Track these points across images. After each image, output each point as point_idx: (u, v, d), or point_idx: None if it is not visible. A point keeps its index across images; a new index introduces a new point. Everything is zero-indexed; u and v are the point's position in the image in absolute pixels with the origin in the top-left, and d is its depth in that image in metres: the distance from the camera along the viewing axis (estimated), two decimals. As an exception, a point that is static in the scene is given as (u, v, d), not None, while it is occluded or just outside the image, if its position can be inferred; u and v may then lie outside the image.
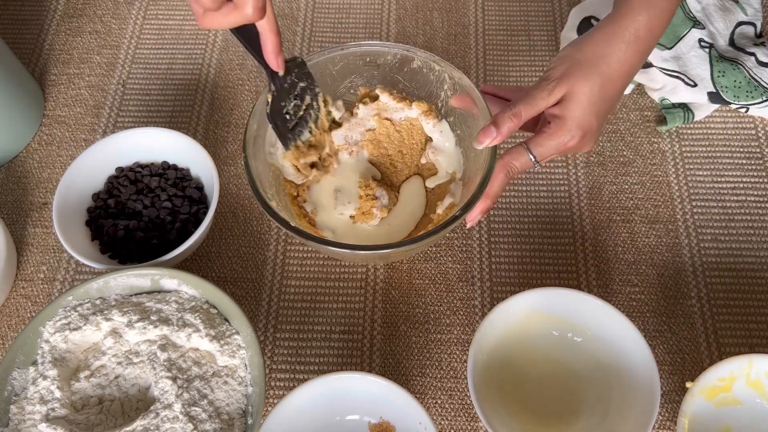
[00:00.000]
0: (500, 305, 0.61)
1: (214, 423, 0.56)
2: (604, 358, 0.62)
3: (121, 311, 0.60)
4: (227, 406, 0.58)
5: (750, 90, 0.75)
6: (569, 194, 0.74)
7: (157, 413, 0.55)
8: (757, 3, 0.81)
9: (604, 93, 0.57)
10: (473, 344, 0.59)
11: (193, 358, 0.59)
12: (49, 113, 0.81)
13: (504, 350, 0.63)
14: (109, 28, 0.87)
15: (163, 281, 0.63)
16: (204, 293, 0.63)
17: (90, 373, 0.59)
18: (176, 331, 0.59)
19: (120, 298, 0.63)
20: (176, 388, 0.56)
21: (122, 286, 0.63)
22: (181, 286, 0.63)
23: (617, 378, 0.60)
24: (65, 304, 0.62)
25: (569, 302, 0.62)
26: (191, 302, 0.62)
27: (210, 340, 0.59)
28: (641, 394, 0.58)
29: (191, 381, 0.57)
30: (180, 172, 0.72)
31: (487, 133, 0.57)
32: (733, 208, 0.73)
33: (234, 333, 0.61)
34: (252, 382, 0.59)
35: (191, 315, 0.60)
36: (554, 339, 0.64)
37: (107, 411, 0.58)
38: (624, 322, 0.60)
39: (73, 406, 0.58)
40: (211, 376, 0.58)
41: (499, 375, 0.62)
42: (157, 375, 0.57)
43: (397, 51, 0.67)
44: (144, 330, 0.59)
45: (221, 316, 0.63)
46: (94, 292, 0.63)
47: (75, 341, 0.60)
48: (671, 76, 0.77)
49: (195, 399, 0.56)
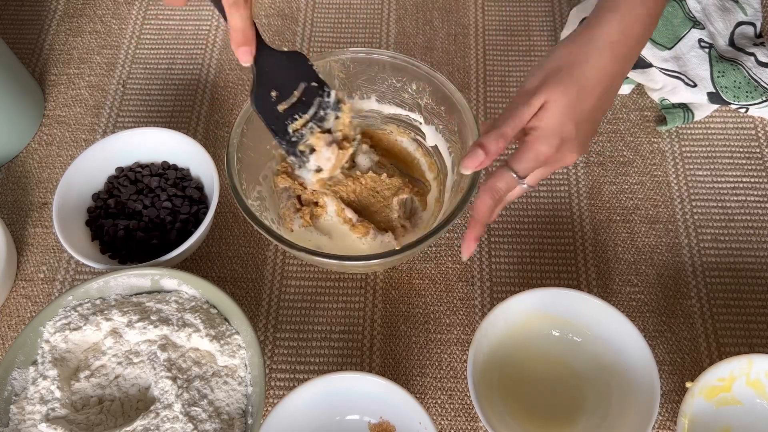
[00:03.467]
0: (500, 305, 0.61)
1: (213, 423, 0.56)
2: (604, 359, 0.62)
3: (121, 311, 0.60)
4: (227, 406, 0.58)
5: (750, 90, 0.75)
6: (569, 194, 0.74)
7: (157, 413, 0.55)
8: (757, 3, 0.81)
9: (581, 100, 0.55)
10: (473, 344, 0.59)
11: (193, 358, 0.59)
12: (49, 113, 0.81)
13: (504, 350, 0.63)
14: (109, 28, 0.87)
15: (163, 281, 0.63)
16: (204, 293, 0.63)
17: (90, 373, 0.59)
18: (176, 331, 0.59)
19: (120, 298, 0.63)
20: (176, 388, 0.56)
21: (122, 286, 0.63)
22: (182, 286, 0.63)
23: (617, 378, 0.61)
24: (65, 304, 0.62)
25: (570, 302, 0.62)
26: (191, 302, 0.62)
27: (210, 340, 0.59)
28: (641, 394, 0.58)
29: (191, 381, 0.57)
30: (180, 172, 0.72)
31: (473, 158, 0.55)
32: (733, 208, 0.73)
33: (234, 333, 0.61)
34: (252, 382, 0.59)
35: (191, 315, 0.60)
36: (554, 339, 0.64)
37: (107, 411, 0.58)
38: (624, 322, 0.60)
39: (73, 406, 0.58)
40: (211, 376, 0.58)
41: (500, 375, 0.62)
42: (157, 375, 0.57)
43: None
44: (144, 330, 0.59)
45: (221, 316, 0.62)
46: (94, 292, 0.63)
47: (75, 341, 0.60)
48: (671, 77, 0.77)
49: (195, 399, 0.56)
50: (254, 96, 0.58)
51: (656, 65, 0.77)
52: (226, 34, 0.86)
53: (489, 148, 0.55)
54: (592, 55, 0.56)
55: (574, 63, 0.56)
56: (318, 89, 0.61)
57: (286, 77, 0.59)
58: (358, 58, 0.67)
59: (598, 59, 0.56)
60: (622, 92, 0.80)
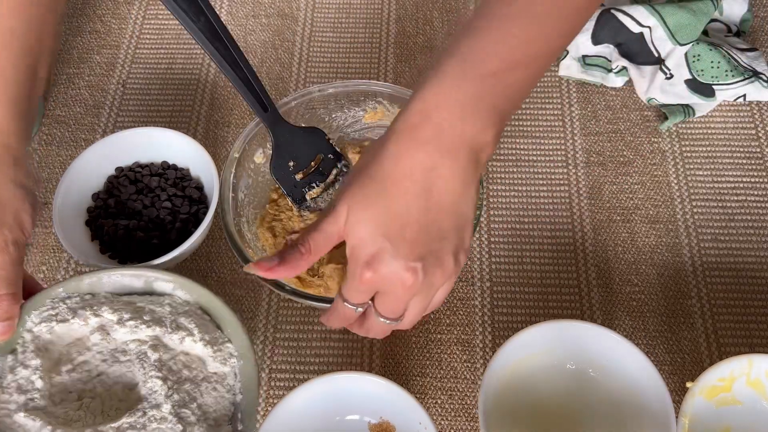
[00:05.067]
0: (516, 336, 0.59)
1: (201, 427, 0.55)
2: (618, 395, 0.60)
3: (112, 308, 0.59)
4: (214, 412, 0.57)
5: (730, 69, 0.75)
6: (569, 194, 0.74)
7: (144, 412, 0.54)
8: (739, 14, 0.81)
9: (388, 203, 0.44)
10: (486, 377, 0.57)
11: (183, 361, 0.58)
12: (48, 113, 0.81)
13: (516, 383, 0.61)
14: (108, 28, 0.87)
15: (156, 284, 0.62)
16: (198, 299, 0.62)
17: (72, 367, 0.57)
18: (169, 333, 0.58)
19: (111, 296, 0.62)
20: (166, 389, 0.55)
21: (115, 284, 0.62)
22: (176, 290, 0.62)
23: (631, 415, 0.59)
24: (54, 296, 0.59)
25: (586, 336, 0.60)
26: (185, 306, 0.61)
27: (204, 345, 0.58)
28: (656, 428, 0.57)
29: (181, 383, 0.57)
30: (180, 172, 0.72)
31: (263, 264, 0.47)
32: (734, 208, 0.73)
33: (226, 341, 0.60)
34: (242, 390, 0.58)
35: (185, 319, 0.59)
36: (570, 372, 0.62)
37: (86, 408, 0.56)
38: (641, 359, 0.58)
39: (51, 399, 0.55)
40: (201, 381, 0.58)
41: (512, 410, 0.60)
42: (146, 374, 0.56)
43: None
44: (135, 329, 0.58)
45: (214, 323, 0.61)
46: (85, 287, 0.61)
47: (60, 334, 0.58)
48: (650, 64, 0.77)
49: (185, 401, 0.56)
50: (273, 165, 0.64)
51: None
52: (226, 33, 0.86)
53: (286, 257, 0.47)
54: (389, 143, 0.45)
55: (372, 159, 0.46)
56: (335, 161, 0.66)
57: (304, 149, 0.65)
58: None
59: (396, 147, 0.45)
60: (615, 85, 0.80)
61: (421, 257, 0.45)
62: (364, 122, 0.71)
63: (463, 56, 0.46)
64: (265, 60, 0.84)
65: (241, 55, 0.58)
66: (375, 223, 0.44)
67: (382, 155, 0.45)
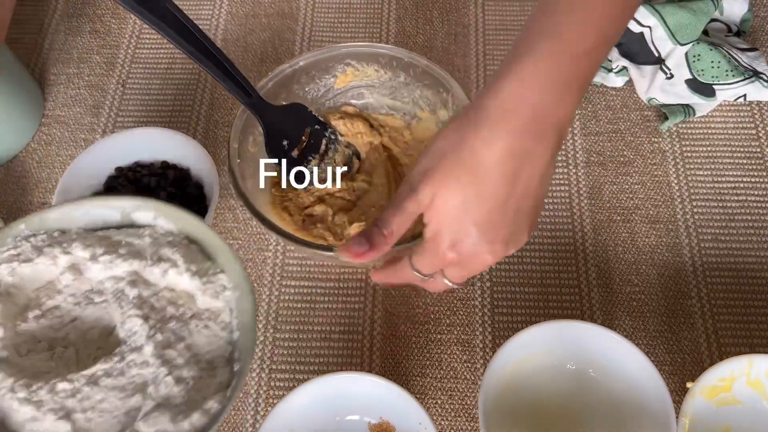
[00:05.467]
0: (516, 336, 0.59)
1: (192, 370, 0.47)
2: (618, 395, 0.60)
3: (84, 244, 0.51)
4: (207, 353, 0.49)
5: (730, 69, 0.75)
6: (569, 194, 0.74)
7: (122, 356, 0.47)
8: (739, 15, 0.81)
9: (478, 189, 0.45)
10: (486, 377, 0.57)
11: (168, 298, 0.50)
12: (48, 113, 0.81)
13: (516, 383, 0.61)
14: (108, 28, 0.87)
15: (136, 214, 0.54)
16: (184, 226, 0.54)
17: (41, 313, 0.50)
18: (150, 266, 0.50)
19: (83, 232, 0.54)
20: (147, 329, 0.48)
21: (87, 218, 0.54)
22: (158, 219, 0.54)
23: (631, 415, 0.59)
24: (16, 234, 0.52)
25: (586, 336, 0.60)
26: (168, 237, 0.53)
27: (191, 276, 0.50)
28: (655, 428, 0.57)
29: (165, 322, 0.49)
30: (180, 172, 0.72)
31: (354, 247, 0.47)
32: (734, 208, 0.73)
33: (219, 272, 0.52)
34: (239, 327, 0.50)
35: (169, 249, 0.51)
36: (570, 372, 0.62)
37: (59, 358, 0.49)
38: (641, 359, 0.58)
39: (16, 349, 0.48)
40: (190, 319, 0.50)
41: (512, 410, 0.60)
42: (124, 314, 0.49)
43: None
44: (110, 264, 0.50)
45: (204, 253, 0.53)
46: (53, 223, 0.53)
47: (25, 276, 0.51)
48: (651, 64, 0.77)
49: (170, 341, 0.48)
50: (269, 149, 0.64)
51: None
52: (225, 33, 0.86)
53: (374, 242, 0.48)
54: (482, 133, 0.45)
55: (462, 143, 0.45)
56: (322, 131, 0.68)
57: (292, 126, 0.65)
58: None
59: (490, 134, 0.44)
60: (615, 85, 0.80)
61: (503, 240, 0.47)
62: (336, 89, 0.73)
63: (559, 35, 0.45)
64: (265, 60, 0.84)
65: (215, 47, 0.58)
66: (464, 209, 0.45)
67: (474, 140, 0.45)
